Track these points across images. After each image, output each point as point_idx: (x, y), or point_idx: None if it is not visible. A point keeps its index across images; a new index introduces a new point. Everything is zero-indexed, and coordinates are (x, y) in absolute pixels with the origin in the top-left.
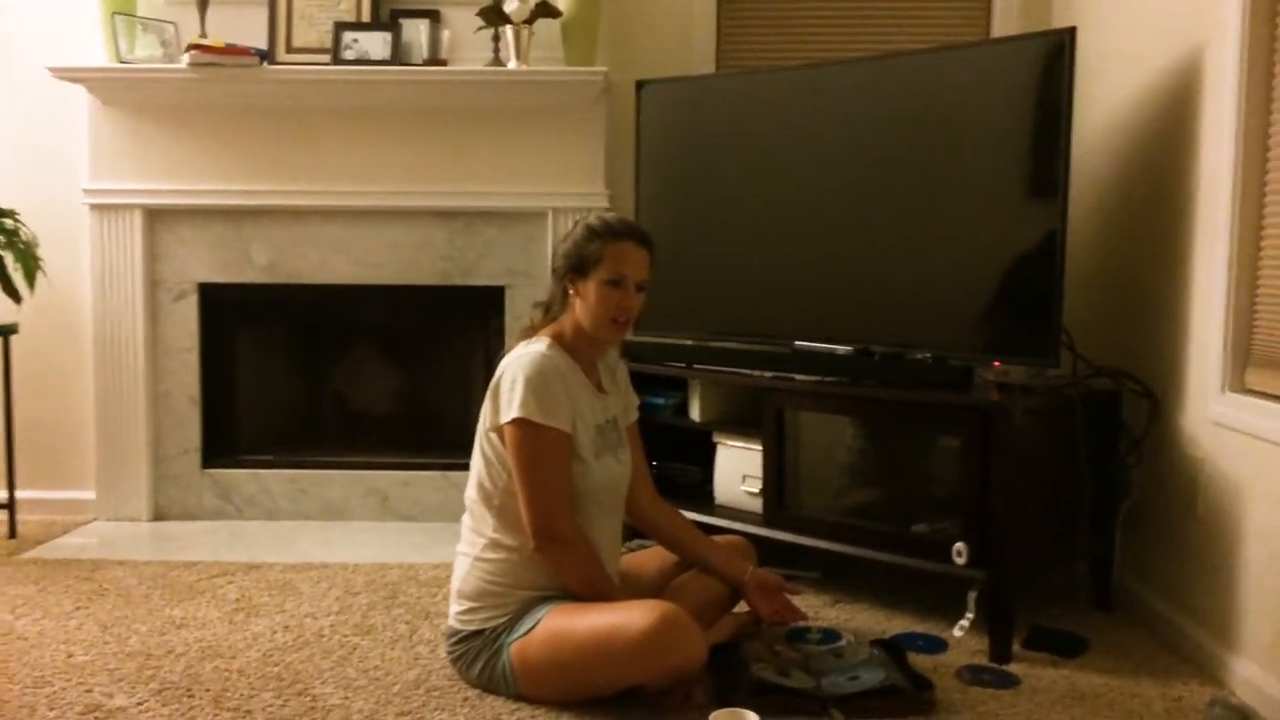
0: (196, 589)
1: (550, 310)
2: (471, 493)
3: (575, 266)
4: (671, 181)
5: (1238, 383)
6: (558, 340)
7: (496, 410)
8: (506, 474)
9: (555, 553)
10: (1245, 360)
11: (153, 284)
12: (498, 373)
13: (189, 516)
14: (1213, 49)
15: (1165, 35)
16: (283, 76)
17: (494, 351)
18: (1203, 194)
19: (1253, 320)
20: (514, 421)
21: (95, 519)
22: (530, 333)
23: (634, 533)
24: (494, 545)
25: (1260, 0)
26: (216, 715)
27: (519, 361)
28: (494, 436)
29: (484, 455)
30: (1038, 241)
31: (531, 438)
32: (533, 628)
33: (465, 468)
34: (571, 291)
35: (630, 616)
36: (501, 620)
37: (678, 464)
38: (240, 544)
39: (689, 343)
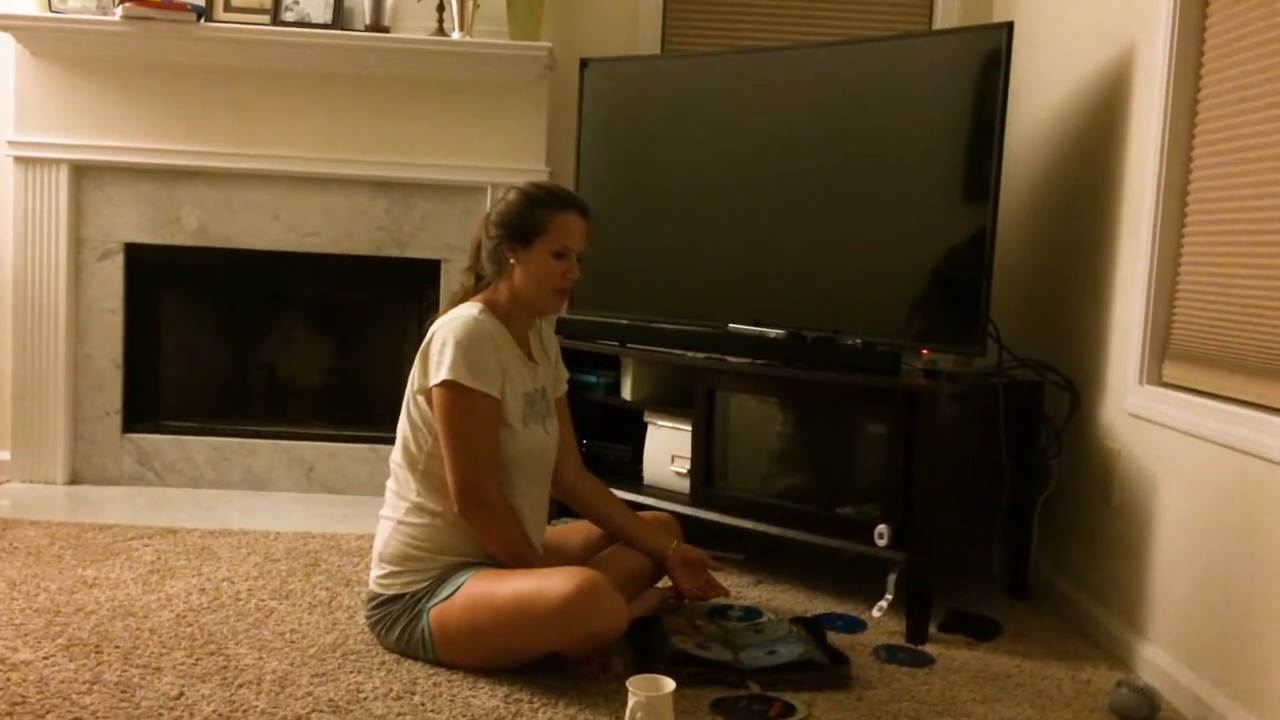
0: (111, 550)
1: (482, 278)
2: (396, 456)
3: (515, 234)
4: (612, 160)
5: (1155, 376)
6: (491, 307)
7: (425, 373)
8: (432, 438)
9: (479, 517)
10: (1163, 354)
11: (77, 242)
12: (428, 335)
13: (107, 481)
14: (1144, 49)
15: (1099, 32)
16: (220, 35)
17: (427, 326)
18: (1129, 192)
19: (1172, 315)
20: (443, 384)
21: (9, 480)
22: (462, 298)
23: (562, 510)
24: (417, 509)
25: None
26: (125, 671)
27: (450, 325)
28: (421, 399)
29: (410, 418)
30: (969, 233)
31: (460, 401)
32: (453, 593)
33: (393, 442)
34: (511, 260)
35: (550, 582)
36: (422, 585)
37: (608, 442)
38: (159, 510)
39: (623, 321)
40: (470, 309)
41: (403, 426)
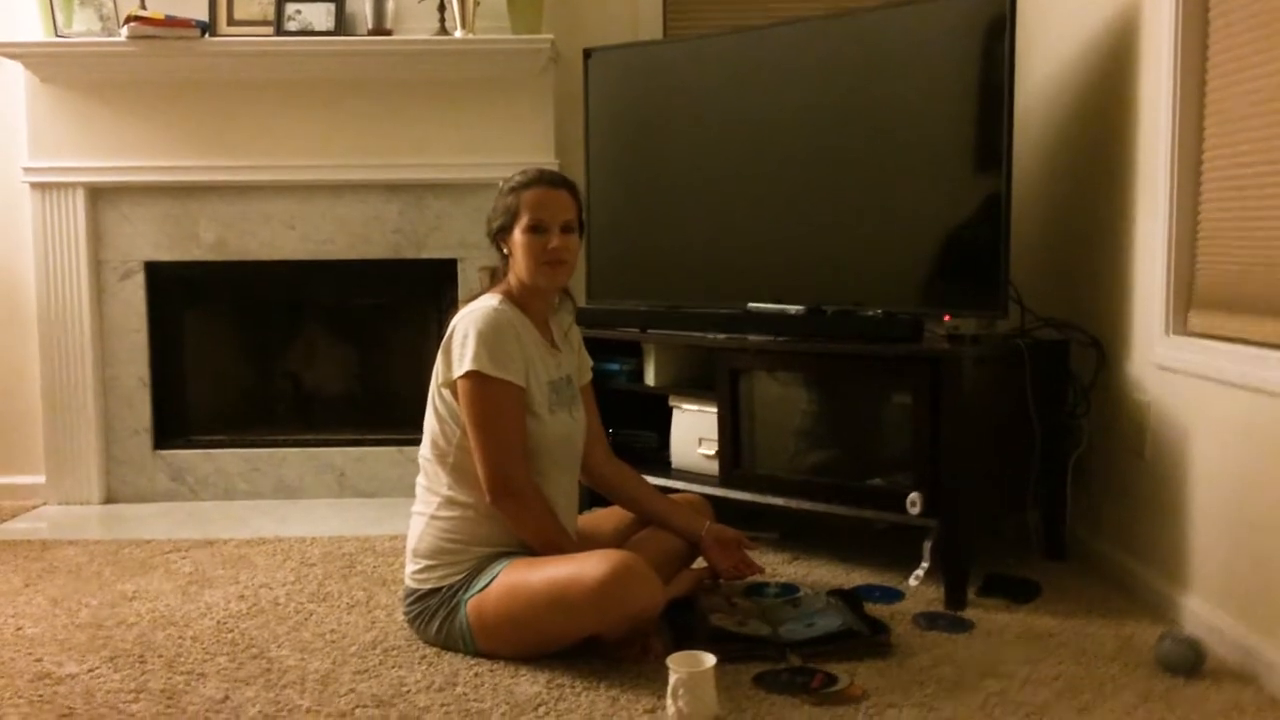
0: (149, 564)
1: (495, 275)
2: (425, 451)
3: (502, 226)
4: (621, 149)
5: (1181, 325)
6: (508, 297)
7: (449, 365)
8: (460, 430)
9: (510, 505)
10: (1187, 303)
11: (97, 263)
12: (449, 328)
13: (141, 499)
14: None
15: None
16: (225, 49)
17: (447, 325)
18: (1143, 142)
19: (1194, 263)
20: (467, 375)
21: (45, 503)
22: (480, 293)
23: (593, 499)
24: (449, 503)
25: None
26: (170, 679)
27: (470, 316)
28: (446, 392)
29: (436, 413)
30: (984, 196)
31: (484, 391)
32: (489, 583)
33: (420, 442)
34: (506, 250)
35: (586, 566)
36: (458, 578)
37: (634, 430)
38: (195, 523)
39: (642, 308)
40: (489, 300)
41: (429, 422)
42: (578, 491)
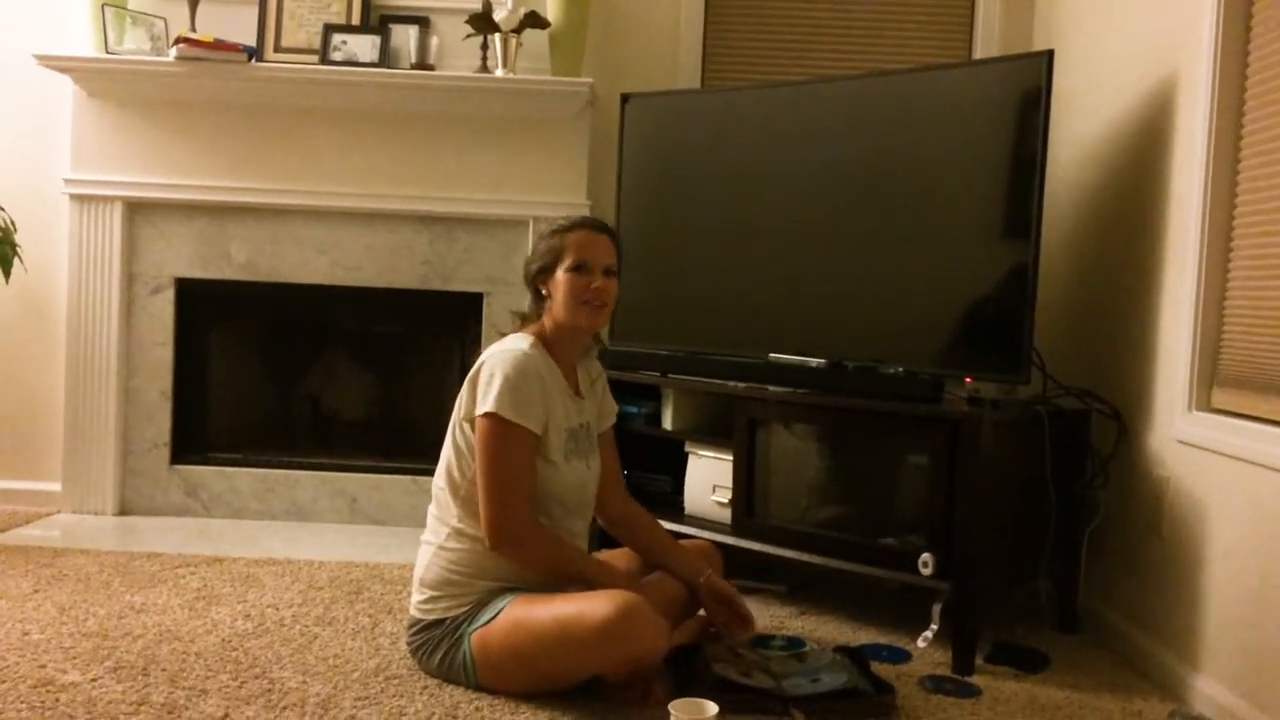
0: (158, 578)
1: (527, 318)
2: (440, 481)
3: (543, 268)
4: (653, 193)
5: (1204, 401)
6: (539, 338)
7: (473, 400)
8: (475, 464)
9: (510, 550)
10: (1211, 379)
11: (130, 277)
12: (478, 363)
13: (155, 512)
14: (1186, 76)
15: (1141, 62)
16: (270, 74)
17: (470, 358)
18: (1173, 217)
19: (1220, 339)
20: (486, 415)
21: (59, 511)
22: (513, 330)
23: (604, 540)
24: (458, 534)
25: (1232, 29)
26: (171, 694)
27: (501, 356)
28: (467, 426)
29: (455, 444)
30: (1011, 262)
31: (500, 433)
32: (494, 617)
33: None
34: (545, 291)
35: (591, 605)
36: (463, 610)
37: (649, 473)
38: (206, 540)
39: (664, 352)
40: (521, 341)
41: (447, 452)
42: (589, 537)
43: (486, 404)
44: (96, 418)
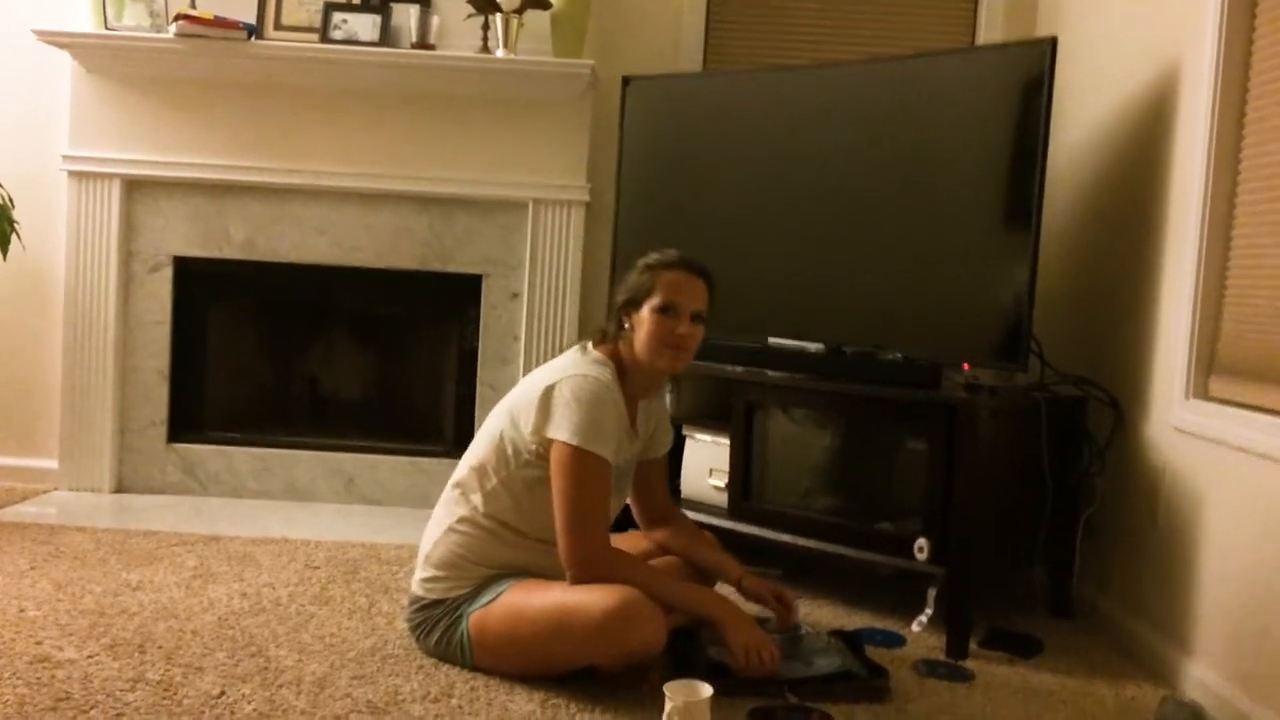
0: (154, 556)
1: (607, 337)
2: (468, 470)
3: (630, 300)
4: (653, 176)
5: (1202, 390)
6: (615, 365)
7: (544, 418)
8: (511, 466)
9: (591, 582)
10: (1209, 368)
11: (128, 255)
12: (553, 380)
13: (152, 490)
14: (1189, 65)
15: (1144, 50)
16: (270, 53)
17: (469, 340)
18: (1173, 206)
19: (1218, 329)
20: (566, 445)
21: (56, 488)
22: (593, 340)
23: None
24: (472, 520)
25: (1236, 16)
26: (167, 671)
27: (582, 382)
28: (529, 433)
29: (500, 439)
30: (1011, 249)
31: (578, 463)
32: (494, 599)
33: (433, 454)
34: (628, 325)
35: (591, 598)
36: (464, 591)
37: None
38: (202, 518)
39: None
40: (602, 370)
41: (485, 447)
42: None
43: (564, 432)
44: (94, 395)
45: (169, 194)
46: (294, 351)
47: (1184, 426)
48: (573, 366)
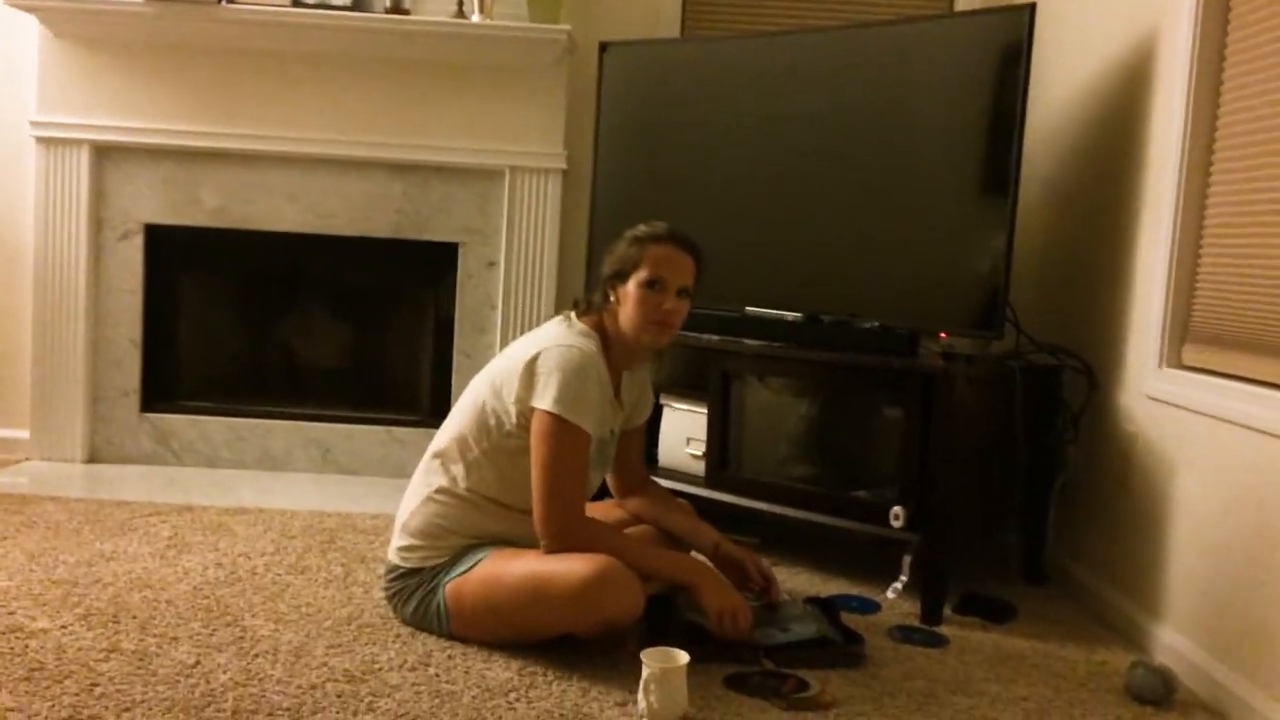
0: (128, 526)
1: (592, 307)
2: (448, 439)
3: (616, 273)
4: (631, 144)
5: (1175, 358)
6: (600, 337)
7: (528, 389)
8: (493, 437)
9: (565, 550)
10: (1183, 337)
11: (98, 222)
12: (535, 350)
13: (125, 460)
14: (1166, 33)
15: (1122, 16)
16: (241, 16)
17: (445, 309)
18: (1150, 176)
19: (1192, 298)
20: (547, 414)
21: (28, 458)
22: (575, 310)
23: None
24: (451, 489)
25: None
26: (142, 641)
27: (566, 353)
28: (513, 408)
29: (483, 409)
30: (989, 217)
31: (558, 433)
32: (470, 568)
33: (409, 424)
34: (613, 298)
35: (567, 566)
36: (441, 560)
37: None
38: (176, 488)
39: None
40: (586, 342)
41: (467, 416)
42: None
43: (546, 401)
44: (65, 364)
45: (139, 160)
46: (268, 320)
47: (1157, 395)
48: (557, 337)
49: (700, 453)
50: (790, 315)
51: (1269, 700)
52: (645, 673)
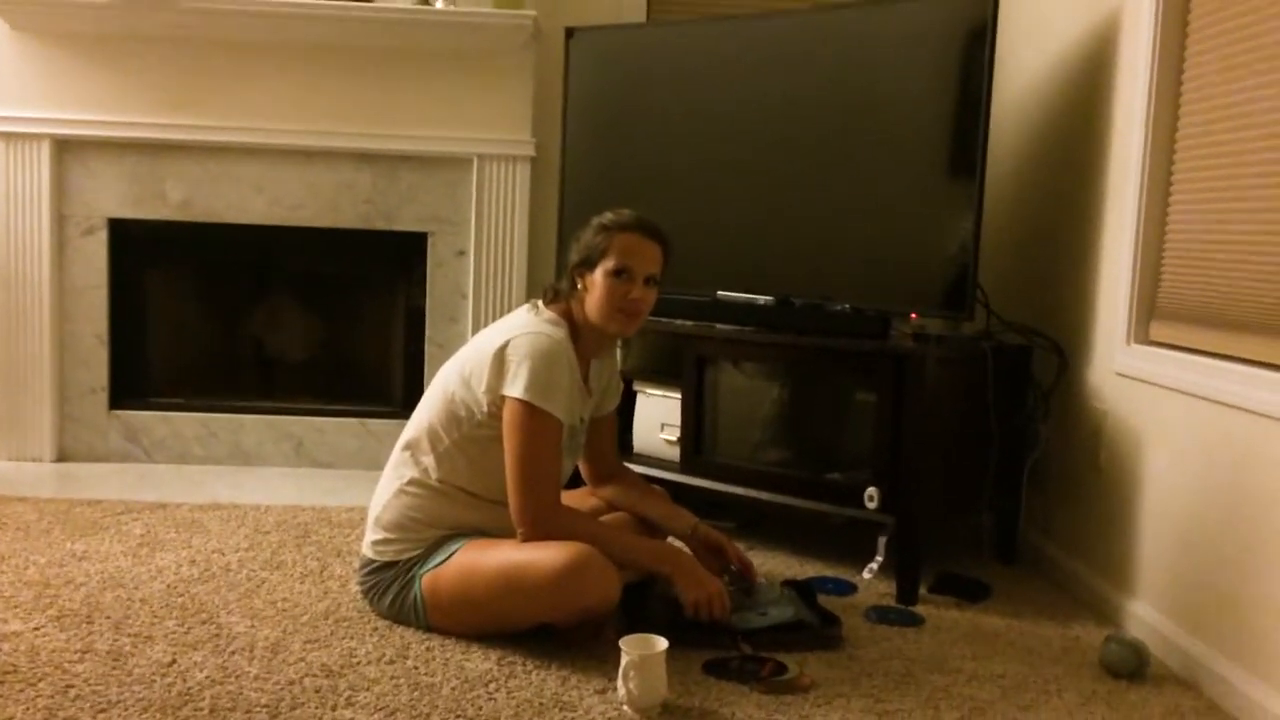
0: (100, 525)
1: (559, 295)
2: (417, 429)
3: (584, 260)
4: (599, 129)
5: (1143, 335)
6: (569, 325)
7: (498, 377)
8: (464, 428)
9: (541, 539)
10: (1150, 313)
11: (60, 218)
12: (506, 339)
13: (95, 458)
14: (1129, 12)
15: None
16: (202, 6)
17: (415, 299)
18: (1115, 153)
19: (1159, 275)
20: (518, 401)
21: None
22: (544, 298)
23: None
24: (422, 481)
25: None
26: (116, 640)
27: (534, 340)
28: (483, 397)
29: (452, 400)
30: (957, 198)
31: (530, 420)
32: (445, 560)
33: (382, 415)
34: (581, 286)
35: (543, 555)
36: (416, 553)
37: None
38: (148, 485)
39: None
40: (555, 329)
41: (436, 407)
42: None
43: (517, 389)
44: (30, 363)
45: (101, 154)
46: (237, 313)
47: (1126, 371)
48: (526, 325)
49: (675, 438)
50: (762, 299)
51: (1239, 670)
52: (624, 660)
